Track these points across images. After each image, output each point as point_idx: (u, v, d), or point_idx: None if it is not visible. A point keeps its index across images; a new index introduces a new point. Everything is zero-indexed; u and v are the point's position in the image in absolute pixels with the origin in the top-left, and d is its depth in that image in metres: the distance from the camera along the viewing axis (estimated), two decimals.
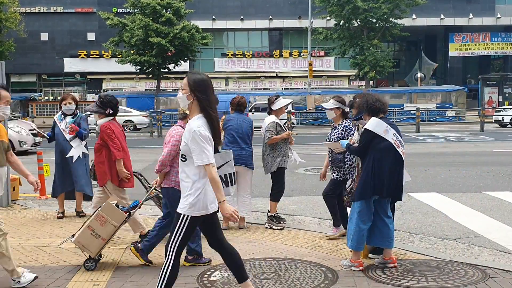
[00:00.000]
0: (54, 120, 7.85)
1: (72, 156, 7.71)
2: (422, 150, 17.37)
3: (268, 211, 7.19)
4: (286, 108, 7.34)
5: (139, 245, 5.49)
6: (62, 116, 7.80)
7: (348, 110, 6.43)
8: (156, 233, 5.45)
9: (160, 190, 5.70)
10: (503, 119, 29.02)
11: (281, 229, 6.94)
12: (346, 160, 6.26)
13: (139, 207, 5.74)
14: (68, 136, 7.68)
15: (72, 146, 7.70)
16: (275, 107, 7.13)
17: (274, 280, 4.93)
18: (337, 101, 6.45)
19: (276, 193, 7.17)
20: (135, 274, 5.17)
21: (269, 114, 7.26)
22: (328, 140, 6.45)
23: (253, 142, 7.25)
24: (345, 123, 6.39)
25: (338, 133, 6.35)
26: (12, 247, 6.16)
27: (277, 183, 7.16)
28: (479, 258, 5.84)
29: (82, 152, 7.80)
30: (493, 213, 8.07)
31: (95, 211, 5.44)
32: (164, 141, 5.36)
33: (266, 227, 7.07)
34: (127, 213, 5.45)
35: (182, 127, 5.24)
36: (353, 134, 6.19)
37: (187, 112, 5.47)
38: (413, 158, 14.01)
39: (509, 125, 28.54)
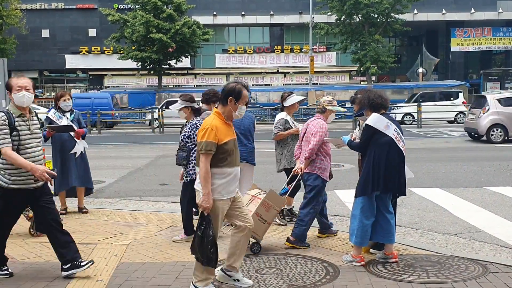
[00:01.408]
0: (49, 118, 7.69)
1: (76, 152, 7.75)
2: (423, 145, 17.38)
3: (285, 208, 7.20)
4: (298, 105, 7.33)
5: (290, 237, 5.95)
6: (60, 113, 7.78)
7: (197, 106, 6.46)
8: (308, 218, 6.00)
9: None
10: (395, 117, 28.63)
11: (284, 225, 6.95)
12: (191, 159, 6.22)
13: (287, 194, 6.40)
14: (72, 133, 7.70)
15: (76, 142, 7.74)
16: (286, 103, 7.12)
17: (276, 275, 4.96)
18: (184, 100, 6.36)
19: (295, 189, 7.04)
20: (137, 270, 5.21)
21: (281, 110, 7.25)
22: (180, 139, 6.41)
23: (255, 138, 7.27)
24: (193, 121, 6.33)
25: (186, 132, 6.32)
26: (15, 243, 6.22)
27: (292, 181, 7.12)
28: (480, 253, 5.87)
29: (84, 147, 7.89)
30: (494, 208, 8.09)
31: (252, 198, 5.96)
32: (310, 132, 6.02)
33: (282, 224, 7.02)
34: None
35: (322, 120, 6.08)
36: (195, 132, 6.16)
37: (327, 107, 6.09)
38: (414, 153, 14.03)
39: (403, 124, 28.29)
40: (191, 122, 6.34)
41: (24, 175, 4.87)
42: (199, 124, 6.22)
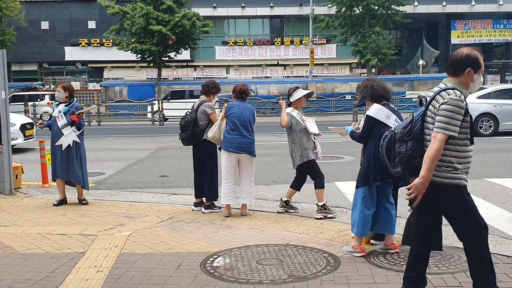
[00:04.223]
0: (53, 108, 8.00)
1: (61, 145, 7.70)
2: None
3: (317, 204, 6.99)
4: (306, 99, 7.23)
5: None
6: (57, 103, 7.88)
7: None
8: None
9: None
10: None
11: (333, 216, 6.83)
12: None
13: None
14: (59, 124, 7.66)
15: (63, 134, 7.67)
16: (292, 98, 7.02)
17: (277, 266, 4.96)
18: None
19: (318, 180, 6.95)
20: (138, 260, 5.20)
21: (289, 106, 7.09)
22: None
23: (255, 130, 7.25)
24: None
25: None
26: (15, 234, 6.21)
27: (313, 174, 7.00)
28: None
29: (74, 140, 7.73)
30: (494, 199, 8.09)
31: None
32: None
33: (318, 218, 6.80)
34: None
35: None
36: None
37: None
38: None
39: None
40: None
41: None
42: None
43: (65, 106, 7.77)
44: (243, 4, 45.01)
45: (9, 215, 7.26)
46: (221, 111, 7.33)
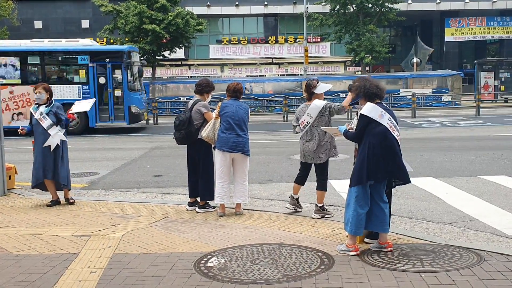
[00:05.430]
0: (31, 112, 7.76)
1: (49, 146, 7.62)
2: (418, 135, 17.40)
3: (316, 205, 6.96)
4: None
5: None
6: (36, 106, 7.75)
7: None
8: None
9: None
10: None
11: (331, 216, 6.82)
12: None
13: None
14: (45, 125, 7.58)
15: (50, 135, 7.59)
16: (318, 90, 6.86)
17: (271, 265, 4.95)
18: None
19: (324, 182, 6.92)
20: (131, 261, 5.18)
21: (310, 99, 6.88)
22: None
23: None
24: None
25: None
26: (8, 236, 6.18)
27: (324, 172, 6.93)
28: (474, 242, 5.88)
29: (61, 139, 7.69)
30: (488, 197, 8.11)
31: None
32: None
33: (314, 217, 6.79)
34: None
35: None
36: None
37: None
38: (409, 143, 14.04)
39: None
40: None
41: None
42: None
43: (46, 107, 7.69)
44: (237, 3, 44.97)
45: (2, 216, 7.22)
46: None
